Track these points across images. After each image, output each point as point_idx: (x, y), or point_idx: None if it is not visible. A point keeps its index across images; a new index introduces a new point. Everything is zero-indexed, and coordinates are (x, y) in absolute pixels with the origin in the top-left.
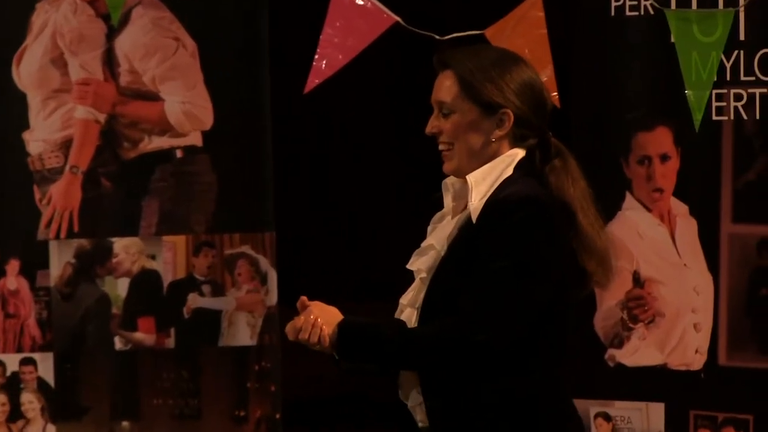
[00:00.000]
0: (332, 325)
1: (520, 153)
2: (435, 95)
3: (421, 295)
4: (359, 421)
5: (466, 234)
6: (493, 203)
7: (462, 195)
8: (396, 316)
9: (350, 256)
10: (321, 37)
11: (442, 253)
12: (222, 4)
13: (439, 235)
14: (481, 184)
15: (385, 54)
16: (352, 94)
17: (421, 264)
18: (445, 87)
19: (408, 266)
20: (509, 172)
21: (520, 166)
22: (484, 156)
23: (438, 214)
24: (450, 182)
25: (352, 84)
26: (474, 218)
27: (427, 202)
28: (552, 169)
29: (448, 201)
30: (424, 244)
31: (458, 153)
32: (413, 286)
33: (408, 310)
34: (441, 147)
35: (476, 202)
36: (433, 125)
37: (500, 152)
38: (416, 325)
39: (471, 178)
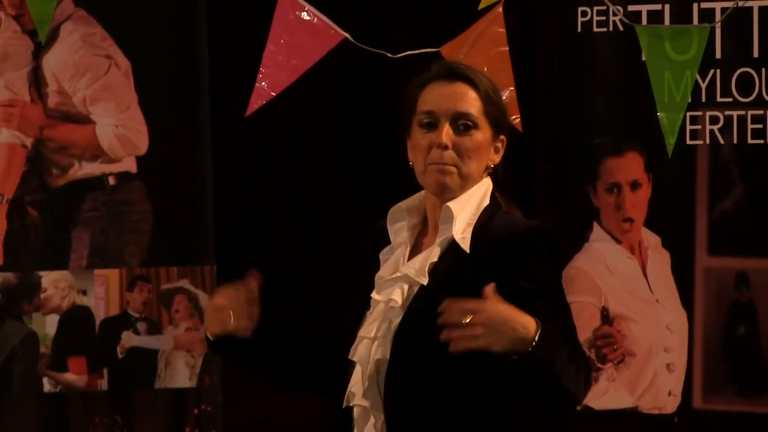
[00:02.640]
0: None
1: (490, 183)
2: (454, 105)
3: (386, 325)
4: None
5: (458, 263)
6: (489, 234)
7: (416, 224)
8: (352, 349)
9: (300, 290)
10: (264, 55)
11: (424, 283)
12: (157, 20)
13: (415, 265)
14: (464, 212)
15: (333, 73)
16: (298, 117)
17: (391, 294)
18: (470, 99)
19: (372, 295)
20: (486, 201)
21: (494, 196)
22: (475, 183)
23: (389, 246)
24: (405, 207)
25: (297, 106)
26: (465, 247)
27: (370, 231)
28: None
29: (401, 230)
30: (389, 276)
31: (465, 174)
32: (374, 317)
33: (365, 341)
34: (447, 164)
35: (461, 231)
36: (450, 139)
37: (479, 180)
38: (379, 357)
39: (454, 206)
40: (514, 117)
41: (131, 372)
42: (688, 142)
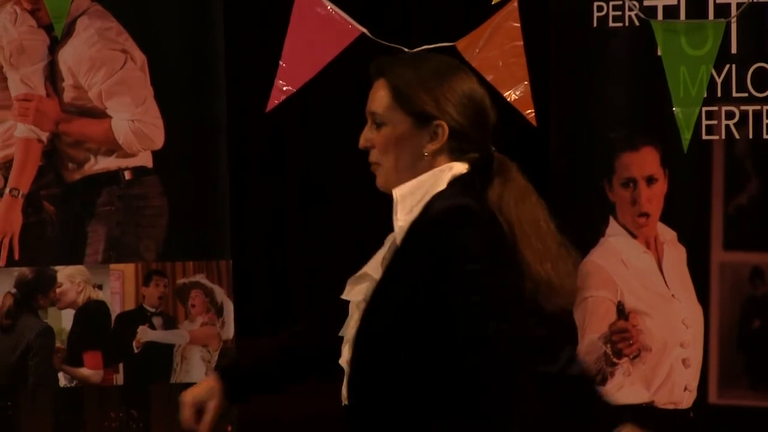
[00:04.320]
0: None
1: (457, 167)
2: (368, 106)
3: (353, 325)
4: None
5: (396, 256)
6: (420, 222)
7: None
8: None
9: (313, 285)
10: (283, 51)
11: (376, 277)
12: (173, 14)
13: (374, 260)
14: (407, 198)
15: (350, 68)
16: (315, 112)
17: (356, 294)
18: (378, 97)
19: (343, 296)
20: (441, 185)
21: (457, 181)
22: (416, 172)
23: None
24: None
25: (314, 101)
26: (398, 239)
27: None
28: (493, 187)
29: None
30: (359, 272)
31: (386, 167)
32: (350, 317)
33: (346, 345)
34: (371, 161)
35: (401, 219)
36: (365, 138)
37: (434, 167)
38: (348, 358)
39: (397, 191)
40: (528, 111)
41: (147, 367)
42: (704, 137)
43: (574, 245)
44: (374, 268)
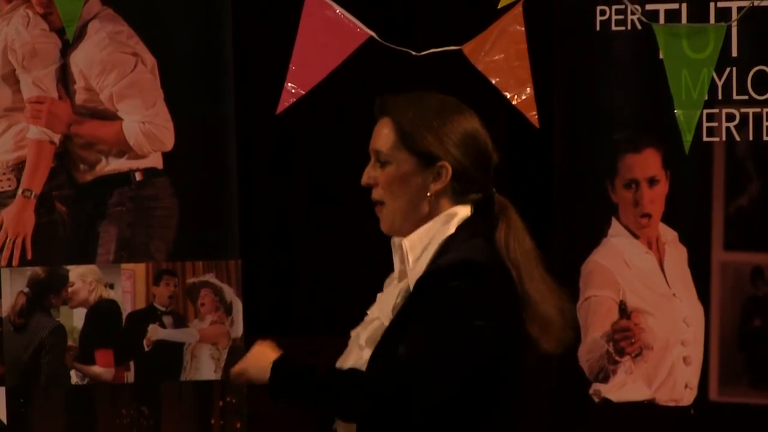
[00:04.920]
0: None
1: (463, 211)
2: (372, 143)
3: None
4: None
5: (407, 303)
6: (430, 271)
7: (404, 259)
8: None
9: (321, 285)
10: (293, 54)
11: (386, 323)
12: (183, 17)
13: (384, 304)
14: (417, 247)
15: (358, 71)
16: (323, 114)
17: (364, 335)
18: (383, 135)
19: (352, 332)
20: (449, 230)
21: (466, 226)
22: (419, 213)
23: (390, 276)
24: (397, 242)
25: (323, 103)
26: (411, 285)
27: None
28: (499, 229)
29: (396, 262)
30: (370, 315)
31: (391, 210)
32: (347, 351)
33: None
34: (374, 199)
35: (413, 266)
36: (369, 176)
37: (439, 209)
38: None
39: (406, 242)
40: (531, 114)
41: (157, 365)
42: (705, 139)
43: (577, 246)
44: (385, 312)
